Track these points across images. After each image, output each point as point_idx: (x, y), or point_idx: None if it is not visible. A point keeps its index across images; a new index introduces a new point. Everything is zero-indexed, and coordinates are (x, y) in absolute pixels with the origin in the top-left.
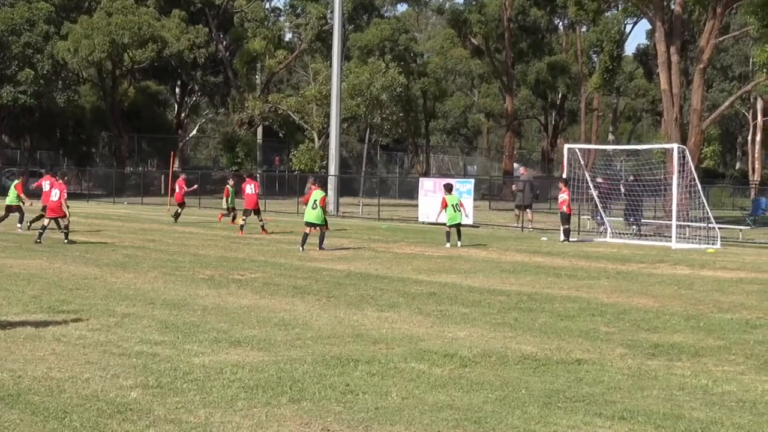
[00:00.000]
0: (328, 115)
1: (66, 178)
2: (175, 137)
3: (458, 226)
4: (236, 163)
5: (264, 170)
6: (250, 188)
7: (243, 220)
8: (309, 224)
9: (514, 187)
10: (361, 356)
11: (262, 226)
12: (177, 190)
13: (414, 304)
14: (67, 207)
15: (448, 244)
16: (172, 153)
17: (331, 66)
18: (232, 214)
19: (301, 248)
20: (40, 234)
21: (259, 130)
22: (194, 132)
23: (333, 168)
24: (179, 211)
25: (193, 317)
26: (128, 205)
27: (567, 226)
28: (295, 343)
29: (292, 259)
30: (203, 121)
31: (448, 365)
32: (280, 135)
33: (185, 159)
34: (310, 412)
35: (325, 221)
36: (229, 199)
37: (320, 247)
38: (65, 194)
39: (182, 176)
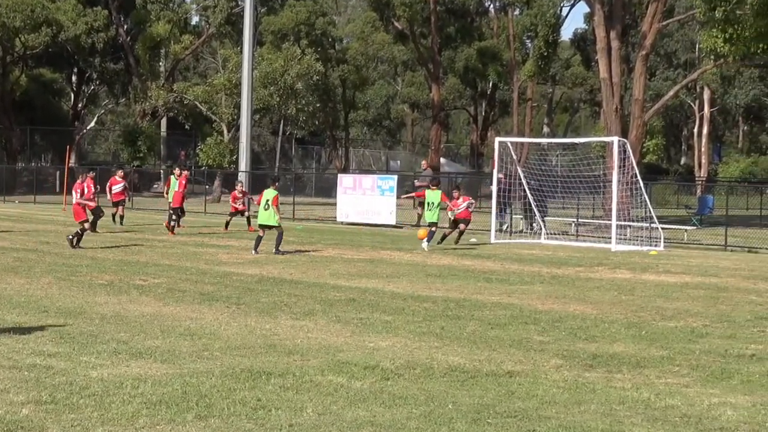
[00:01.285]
0: (238, 106)
1: (82, 177)
2: (71, 130)
3: (434, 225)
4: (138, 157)
5: (168, 166)
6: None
7: (174, 220)
8: (262, 226)
9: (416, 182)
10: (274, 368)
11: (175, 225)
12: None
13: (332, 312)
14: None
15: (425, 244)
16: (68, 147)
17: (241, 52)
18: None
19: (254, 251)
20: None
21: (163, 122)
22: (92, 124)
23: (244, 163)
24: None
25: (90, 326)
26: (20, 203)
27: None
28: (201, 354)
29: (198, 263)
30: (102, 112)
31: (369, 378)
32: (186, 127)
33: (83, 154)
34: (218, 430)
35: (278, 222)
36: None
37: (276, 250)
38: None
39: (121, 172)
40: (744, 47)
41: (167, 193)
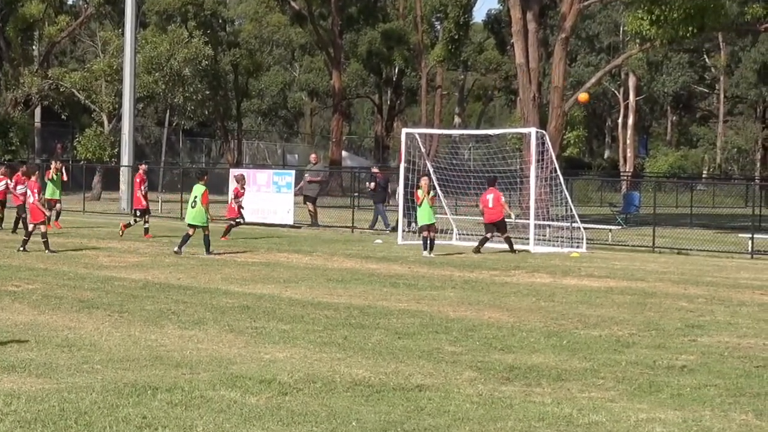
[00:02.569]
0: (120, 94)
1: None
2: None
3: (424, 228)
4: (9, 151)
5: (43, 160)
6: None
7: (145, 221)
8: (190, 225)
9: (307, 176)
10: (161, 383)
11: (146, 229)
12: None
13: (224, 320)
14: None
15: (425, 252)
16: None
17: (123, 35)
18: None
19: (177, 249)
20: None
21: (37, 111)
22: None
23: (126, 157)
24: (140, 220)
25: None
26: None
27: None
28: (81, 367)
29: (76, 267)
30: None
31: (265, 393)
32: (63, 117)
33: None
34: None
35: (207, 222)
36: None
37: (207, 252)
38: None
39: (142, 167)
40: (672, 30)
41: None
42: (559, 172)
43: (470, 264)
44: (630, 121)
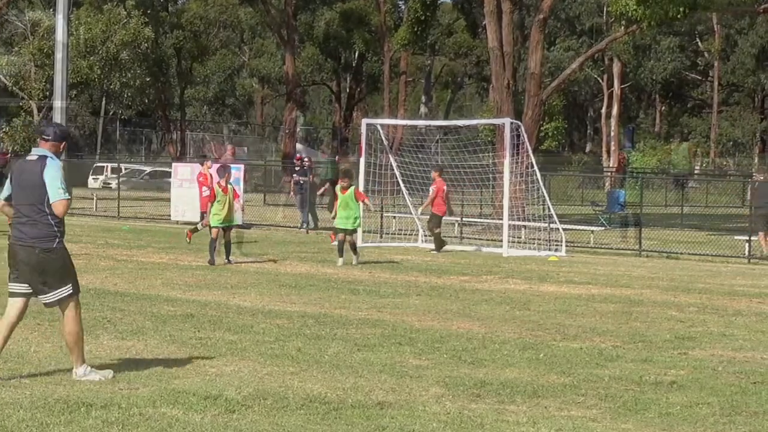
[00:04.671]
0: (51, 80)
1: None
2: None
3: (351, 233)
4: None
5: None
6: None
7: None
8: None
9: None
10: (96, 399)
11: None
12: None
13: (165, 330)
14: None
15: (339, 260)
16: None
17: (55, 15)
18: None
19: (227, 260)
20: None
21: None
22: None
23: None
24: (201, 226)
25: None
26: None
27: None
28: (7, 382)
29: (1, 270)
30: None
31: (210, 410)
32: None
33: None
34: None
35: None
36: None
37: (226, 258)
38: None
39: (208, 162)
40: (661, 10)
41: None
42: (536, 167)
43: (437, 269)
44: (614, 111)
